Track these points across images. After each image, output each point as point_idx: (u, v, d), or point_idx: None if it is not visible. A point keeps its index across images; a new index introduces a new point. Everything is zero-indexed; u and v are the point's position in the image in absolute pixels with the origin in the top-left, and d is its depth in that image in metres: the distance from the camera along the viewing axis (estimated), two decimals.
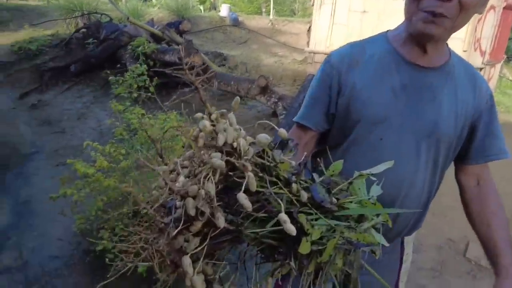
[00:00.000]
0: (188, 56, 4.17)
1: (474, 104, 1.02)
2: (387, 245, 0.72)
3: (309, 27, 6.56)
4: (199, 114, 0.67)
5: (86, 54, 5.65)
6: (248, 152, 0.63)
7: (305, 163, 0.72)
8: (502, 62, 6.39)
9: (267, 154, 0.66)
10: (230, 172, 0.62)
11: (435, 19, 0.87)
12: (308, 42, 5.67)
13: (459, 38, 4.11)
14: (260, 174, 0.64)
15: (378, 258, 0.70)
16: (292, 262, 0.64)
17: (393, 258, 1.15)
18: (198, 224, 0.58)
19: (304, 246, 0.61)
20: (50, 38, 6.61)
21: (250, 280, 0.66)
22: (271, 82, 4.11)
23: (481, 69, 4.52)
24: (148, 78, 3.19)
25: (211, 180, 0.57)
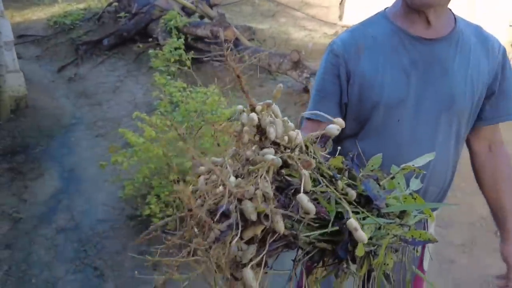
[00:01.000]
0: (220, 30, 4.18)
1: (488, 68, 0.99)
2: (438, 241, 0.69)
3: (341, 0, 6.36)
4: (240, 107, 0.61)
5: (118, 28, 5.74)
6: (301, 146, 0.58)
7: (352, 158, 0.68)
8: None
9: (309, 149, 0.61)
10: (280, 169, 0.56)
11: None
12: (340, 16, 5.52)
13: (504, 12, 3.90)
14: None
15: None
16: (351, 266, 0.60)
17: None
18: (258, 229, 0.51)
19: (360, 249, 0.57)
20: (83, 12, 6.73)
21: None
22: (303, 57, 4.08)
23: None
24: (184, 52, 3.25)
25: (267, 179, 0.51)
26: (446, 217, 2.79)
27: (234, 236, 0.49)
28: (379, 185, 0.67)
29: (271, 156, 0.53)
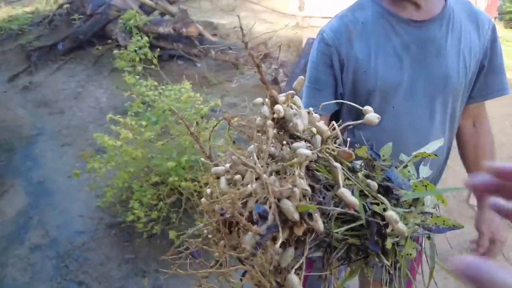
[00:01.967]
0: (183, 26, 4.08)
1: (479, 44, 0.99)
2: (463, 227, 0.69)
3: None
4: (259, 100, 0.57)
5: (73, 31, 5.44)
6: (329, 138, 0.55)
7: (371, 146, 0.66)
8: (495, 19, 6.45)
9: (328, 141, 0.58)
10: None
11: None
12: (300, 7, 5.57)
13: None
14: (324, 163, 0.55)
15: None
16: (383, 259, 0.57)
17: None
18: (300, 230, 0.47)
19: (388, 241, 0.55)
20: (31, 16, 6.31)
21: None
22: (269, 49, 4.09)
23: None
24: (149, 51, 3.14)
25: (301, 176, 0.48)
26: None
27: (277, 239, 0.45)
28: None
29: (306, 150, 0.49)
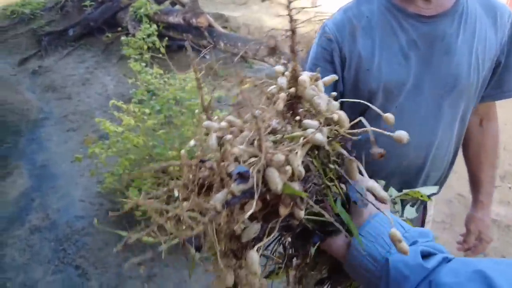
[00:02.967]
0: (193, 17, 4.05)
1: (496, 39, 0.90)
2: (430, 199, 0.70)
3: None
4: (280, 68, 0.53)
5: (84, 17, 5.46)
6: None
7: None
8: None
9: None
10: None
11: None
12: (313, 1, 5.50)
13: None
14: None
15: None
16: None
17: (415, 221, 1.13)
18: (286, 210, 0.43)
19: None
20: (44, 1, 6.34)
21: None
22: (279, 43, 4.04)
23: None
24: (157, 40, 3.12)
25: (301, 155, 0.44)
26: None
27: (248, 206, 0.41)
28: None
29: (319, 135, 0.45)
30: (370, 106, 0.57)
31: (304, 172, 0.44)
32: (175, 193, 0.49)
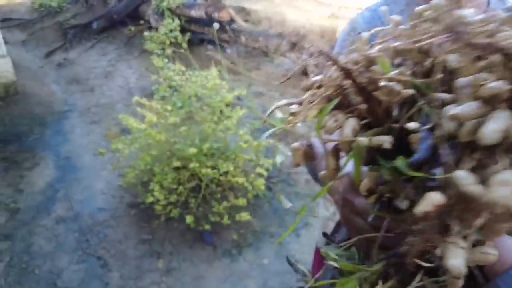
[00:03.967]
0: (215, 11, 4.05)
1: None
2: None
3: None
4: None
5: (108, 11, 5.54)
6: None
7: None
8: None
9: None
10: None
11: None
12: None
13: None
14: None
15: None
16: None
17: None
18: None
19: None
20: None
21: None
22: (302, 38, 3.99)
23: None
24: (180, 35, 3.14)
25: None
26: None
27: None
28: None
29: None
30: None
31: None
32: None
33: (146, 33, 3.23)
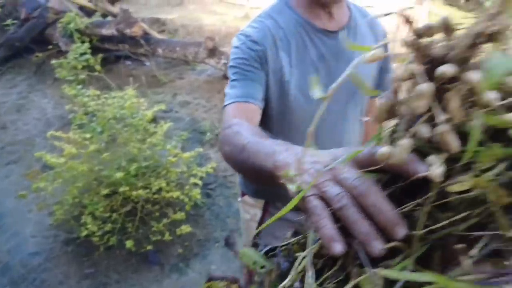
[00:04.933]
0: (127, 27, 3.95)
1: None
2: None
3: None
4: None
5: (8, 38, 5.09)
6: None
7: None
8: None
9: None
10: None
11: None
12: None
13: None
14: None
15: None
16: None
17: None
18: None
19: None
20: None
21: None
22: (218, 43, 4.06)
23: None
24: (91, 57, 3.02)
25: None
26: None
27: None
28: None
29: None
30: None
31: None
32: None
33: (53, 61, 3.05)
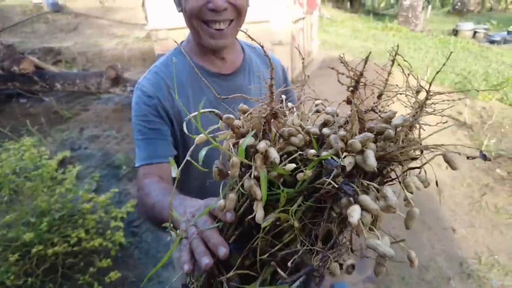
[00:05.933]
0: (14, 64, 3.60)
1: (275, 84, 1.16)
2: None
3: (142, 1, 6.29)
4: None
5: None
6: None
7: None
8: (317, 7, 7.36)
9: None
10: None
11: (222, 33, 0.93)
12: (146, 17, 5.45)
13: None
14: None
15: None
16: None
17: None
18: None
19: None
20: None
21: None
22: (121, 70, 3.93)
23: (303, 18, 5.20)
24: None
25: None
26: None
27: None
28: None
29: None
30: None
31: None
32: None
33: None
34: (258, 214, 0.47)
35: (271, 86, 0.57)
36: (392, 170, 0.49)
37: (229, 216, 0.52)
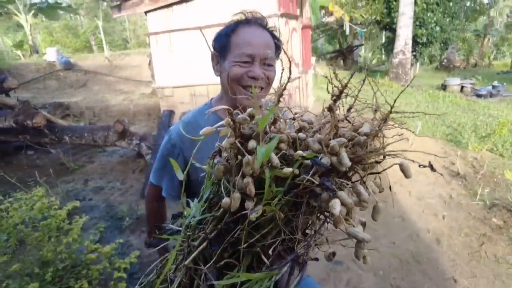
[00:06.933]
0: (27, 118, 3.81)
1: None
2: None
3: (149, 61, 6.73)
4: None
5: None
6: None
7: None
8: (312, 67, 7.88)
9: None
10: None
11: (258, 94, 1.09)
12: (152, 75, 5.81)
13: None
14: None
15: None
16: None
17: None
18: None
19: None
20: None
21: None
22: (127, 125, 4.14)
23: (299, 77, 5.57)
24: None
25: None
26: None
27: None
28: None
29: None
30: None
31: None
32: None
33: None
34: (252, 211, 0.57)
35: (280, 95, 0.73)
36: (356, 172, 0.60)
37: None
